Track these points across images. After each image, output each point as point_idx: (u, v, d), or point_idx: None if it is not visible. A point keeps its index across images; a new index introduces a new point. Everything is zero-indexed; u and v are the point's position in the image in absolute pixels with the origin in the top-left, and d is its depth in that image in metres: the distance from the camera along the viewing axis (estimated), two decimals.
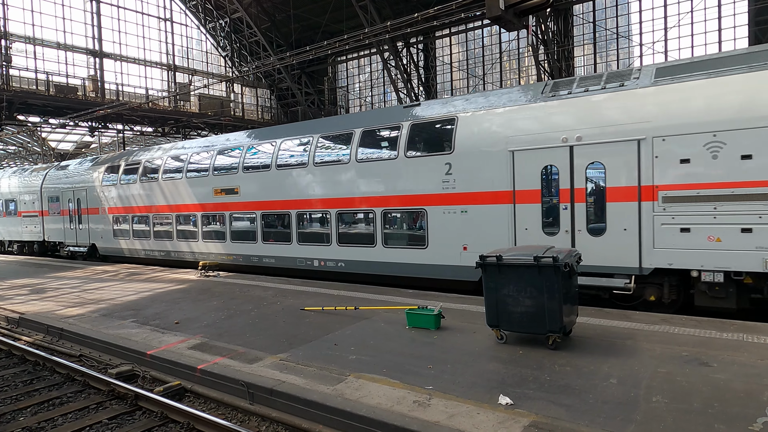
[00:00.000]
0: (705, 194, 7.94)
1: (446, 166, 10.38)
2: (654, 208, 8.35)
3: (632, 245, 8.53)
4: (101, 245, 19.35)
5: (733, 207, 7.74)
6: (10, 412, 5.96)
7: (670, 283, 8.50)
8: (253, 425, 5.33)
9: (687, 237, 8.11)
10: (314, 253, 12.66)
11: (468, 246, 10.22)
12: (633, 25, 26.64)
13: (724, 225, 7.83)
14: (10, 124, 28.52)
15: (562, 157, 9.11)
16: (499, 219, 9.84)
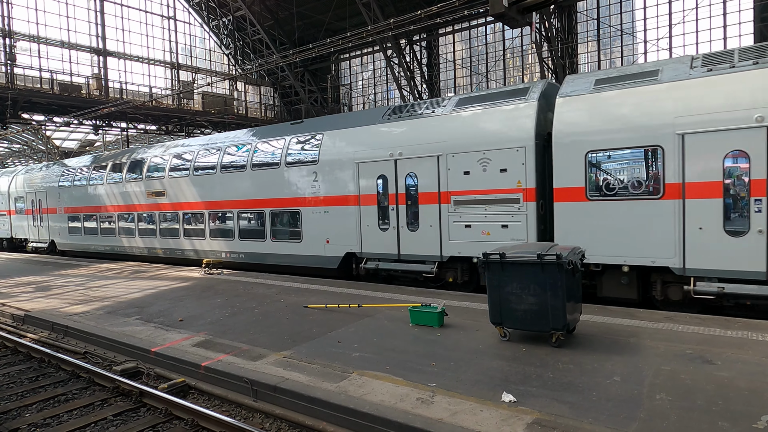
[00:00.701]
0: (479, 198, 10.22)
1: (314, 174, 12.66)
2: (448, 210, 10.59)
3: (436, 238, 10.78)
4: (59, 241, 21.45)
5: (496, 208, 10.04)
6: (16, 409, 6.00)
7: (462, 267, 10.72)
8: (256, 422, 5.35)
9: (469, 231, 10.39)
10: (222, 247, 14.90)
11: (330, 240, 12.48)
12: (637, 21, 26.52)
13: (491, 222, 10.12)
14: (15, 123, 28.64)
15: (390, 169, 11.36)
16: (350, 217, 12.06)
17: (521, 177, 9.68)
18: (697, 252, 8.03)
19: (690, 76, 8.32)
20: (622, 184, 8.69)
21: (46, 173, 22.17)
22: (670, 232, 8.25)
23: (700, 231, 8.00)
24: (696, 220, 8.03)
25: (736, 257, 7.71)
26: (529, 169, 9.58)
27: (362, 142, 11.85)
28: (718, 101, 7.86)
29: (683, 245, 8.17)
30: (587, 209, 9.01)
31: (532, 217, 9.64)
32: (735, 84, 7.81)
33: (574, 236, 9.03)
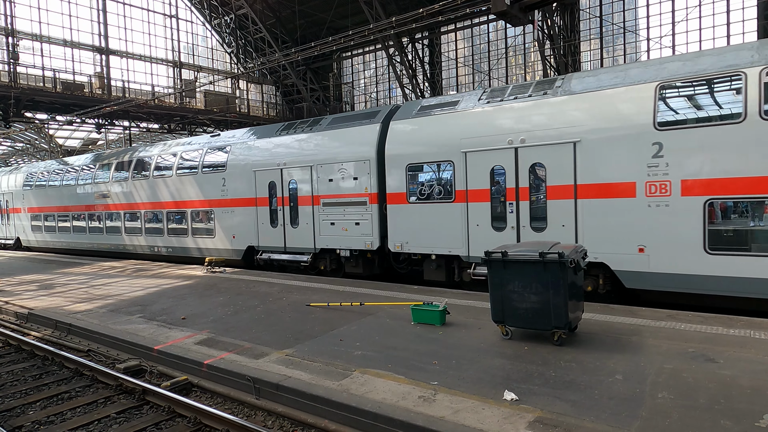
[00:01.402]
0: (340, 201, 12.30)
1: (223, 179, 14.87)
2: (319, 210, 12.71)
3: (310, 234, 12.93)
4: (23, 238, 23.94)
5: (351, 209, 12.10)
6: (20, 406, 6.03)
7: (330, 257, 12.90)
8: (259, 420, 5.37)
9: (334, 228, 12.44)
10: (155, 242, 17.32)
11: (235, 235, 14.73)
12: (640, 19, 26.43)
13: (348, 220, 12.15)
14: (18, 121, 28.72)
15: (278, 176, 13.50)
16: (250, 217, 14.24)
17: (368, 184, 11.85)
18: (475, 243, 10.31)
19: (474, 107, 10.54)
20: (430, 190, 10.91)
21: (11, 177, 24.63)
22: (459, 228, 10.52)
23: (477, 227, 10.31)
24: (475, 219, 10.34)
25: None
26: (373, 178, 11.77)
27: (258, 154, 14.09)
28: (487, 127, 10.19)
29: (468, 238, 10.43)
30: (408, 210, 11.25)
31: (375, 216, 11.80)
32: (497, 114, 10.14)
33: (400, 232, 11.39)
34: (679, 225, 8.17)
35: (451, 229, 10.56)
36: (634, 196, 8.51)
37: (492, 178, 10.07)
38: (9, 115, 26.32)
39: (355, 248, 12.17)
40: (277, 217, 13.56)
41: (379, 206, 11.76)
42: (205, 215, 15.45)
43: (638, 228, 8.51)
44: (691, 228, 8.05)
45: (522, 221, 9.77)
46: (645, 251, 8.48)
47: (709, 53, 8.43)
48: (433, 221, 10.82)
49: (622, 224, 8.65)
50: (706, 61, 8.20)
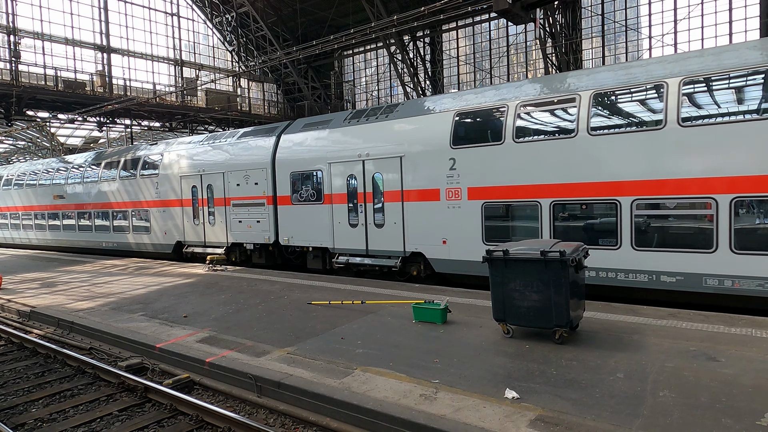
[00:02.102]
0: (245, 203, 14.66)
1: (156, 182, 17.21)
2: (230, 210, 15.09)
3: (224, 230, 15.39)
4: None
5: (254, 209, 14.46)
6: (23, 404, 6.06)
7: (239, 250, 15.26)
8: (260, 418, 5.38)
9: (241, 225, 14.84)
10: (103, 238, 19.70)
11: (166, 232, 17.09)
12: (642, 17, 26.36)
13: (251, 219, 14.56)
14: (20, 120, 28.74)
15: (198, 181, 15.90)
16: (178, 215, 16.61)
17: (265, 188, 14.13)
18: (338, 237, 12.68)
19: (339, 126, 12.84)
20: (307, 194, 13.25)
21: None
22: (327, 225, 12.87)
23: (339, 224, 12.68)
24: (337, 218, 12.69)
25: (354, 241, 12.42)
26: (269, 183, 14.02)
27: (184, 162, 16.35)
28: (345, 144, 12.52)
29: (333, 233, 12.78)
30: (292, 210, 13.63)
31: (272, 215, 14.11)
32: (353, 133, 12.51)
33: (287, 229, 13.81)
34: (466, 222, 10.59)
35: (322, 226, 13.03)
36: (439, 199, 10.95)
37: (348, 184, 12.48)
38: (11, 113, 26.32)
39: (257, 242, 14.61)
40: (199, 216, 16.04)
41: (274, 207, 14.12)
42: (143, 214, 17.91)
43: (442, 225, 10.93)
44: (475, 224, 10.48)
45: (369, 219, 12.17)
46: (447, 243, 10.94)
47: (500, 87, 10.88)
48: (309, 219, 13.30)
49: (432, 222, 11.09)
50: (489, 94, 10.75)
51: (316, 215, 13.10)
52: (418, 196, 11.24)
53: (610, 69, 9.63)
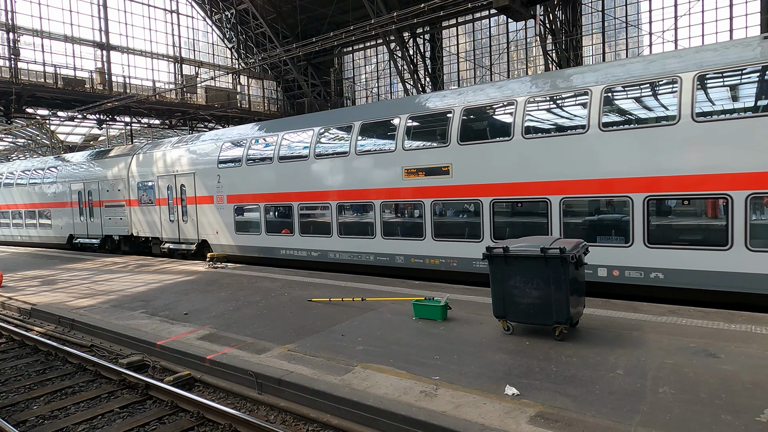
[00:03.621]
0: (113, 204, 19.11)
1: (54, 189, 21.67)
2: (104, 210, 19.48)
3: (99, 225, 19.79)
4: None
5: (119, 210, 18.88)
6: (24, 401, 6.07)
7: (111, 240, 19.68)
8: (261, 414, 5.40)
9: (111, 221, 19.23)
10: (19, 233, 24.39)
11: (62, 227, 21.40)
12: (643, 13, 26.30)
13: (117, 217, 18.91)
14: (20, 117, 28.72)
15: (82, 187, 20.20)
16: (68, 214, 20.99)
17: (126, 195, 18.64)
18: (164, 230, 17.44)
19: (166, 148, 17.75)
20: (147, 198, 17.88)
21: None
22: (158, 221, 17.56)
23: (164, 220, 17.22)
24: (165, 215, 17.23)
25: (172, 232, 17.19)
26: (128, 190, 18.55)
27: (136, 167, 18.69)
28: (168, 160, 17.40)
29: (161, 227, 17.48)
30: (138, 210, 18.29)
31: (130, 214, 18.55)
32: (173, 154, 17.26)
33: (137, 224, 18.38)
34: (226, 218, 15.40)
35: (155, 221, 17.69)
36: (213, 203, 15.68)
37: (169, 191, 17.07)
38: (10, 110, 26.32)
39: (121, 234, 19.11)
40: (84, 214, 20.41)
41: (130, 208, 18.70)
42: (46, 214, 22.30)
43: (215, 221, 15.73)
44: (232, 219, 15.28)
45: (180, 216, 16.81)
46: (218, 233, 15.67)
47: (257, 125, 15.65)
48: (148, 217, 17.97)
49: (212, 219, 15.80)
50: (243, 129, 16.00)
51: (152, 214, 17.87)
52: (202, 200, 16.08)
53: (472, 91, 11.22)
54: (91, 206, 19.99)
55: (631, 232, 8.83)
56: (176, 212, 16.88)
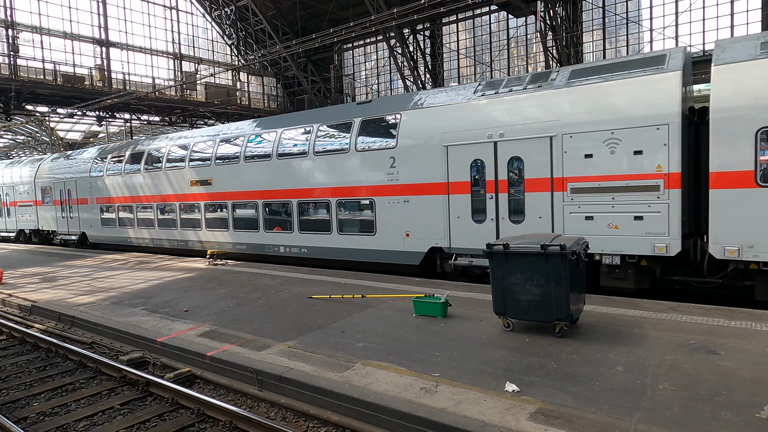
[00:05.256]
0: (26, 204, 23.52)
1: (28, 189, 23.23)
2: (18, 210, 23.51)
3: (34, 220, 23.01)
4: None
5: (28, 208, 22.49)
6: (25, 398, 6.08)
7: (24, 233, 24.01)
8: (262, 411, 5.40)
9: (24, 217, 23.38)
10: None
11: (35, 223, 23.20)
12: (643, 9, 26.23)
13: (27, 215, 22.98)
14: (19, 114, 28.68)
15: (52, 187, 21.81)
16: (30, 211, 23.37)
17: (34, 195, 22.56)
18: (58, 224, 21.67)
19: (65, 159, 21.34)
20: (47, 199, 21.86)
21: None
22: (54, 217, 21.62)
23: (59, 217, 21.81)
24: (59, 213, 21.80)
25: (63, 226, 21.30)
26: (37, 192, 22.39)
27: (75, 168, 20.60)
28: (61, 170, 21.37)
29: (56, 222, 21.76)
30: (42, 208, 22.18)
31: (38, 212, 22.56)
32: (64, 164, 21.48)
33: (42, 221, 22.07)
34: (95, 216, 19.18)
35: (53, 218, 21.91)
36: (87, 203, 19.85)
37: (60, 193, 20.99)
38: (10, 107, 26.28)
39: (30, 228, 22.69)
40: (2, 214, 23.38)
41: (36, 207, 22.38)
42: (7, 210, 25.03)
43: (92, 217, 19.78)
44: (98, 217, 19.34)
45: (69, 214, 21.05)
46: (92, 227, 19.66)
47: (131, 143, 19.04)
48: (49, 214, 22.09)
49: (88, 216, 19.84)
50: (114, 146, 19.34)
51: (51, 212, 21.67)
52: (82, 201, 19.76)
53: None
54: (8, 206, 24.25)
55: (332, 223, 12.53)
56: (66, 211, 21.03)
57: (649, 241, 8.49)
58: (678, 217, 8.21)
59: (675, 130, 8.14)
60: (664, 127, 8.21)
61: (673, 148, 8.17)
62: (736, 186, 7.81)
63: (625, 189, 8.66)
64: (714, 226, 7.98)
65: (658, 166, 8.32)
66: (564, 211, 9.30)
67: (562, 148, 9.18)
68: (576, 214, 9.19)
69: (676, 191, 8.22)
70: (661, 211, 8.35)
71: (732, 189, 7.83)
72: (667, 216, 8.29)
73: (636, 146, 8.49)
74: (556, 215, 9.36)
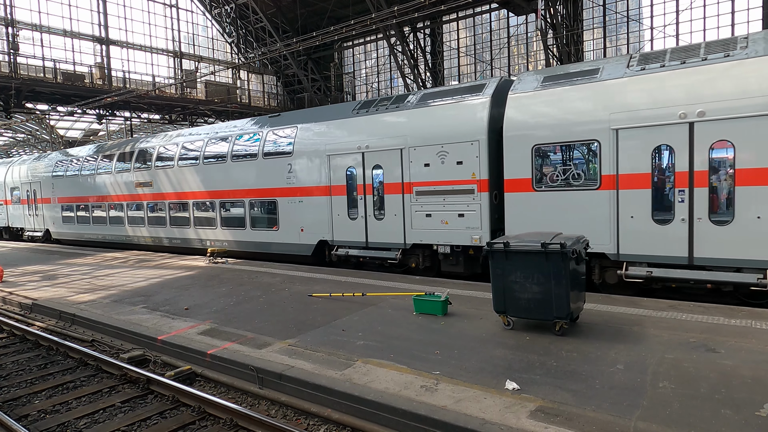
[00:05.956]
0: None
1: (1, 188, 25.34)
2: (54, 207, 21.97)
3: (5, 218, 25.17)
4: None
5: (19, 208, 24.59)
6: (26, 396, 6.09)
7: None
8: (262, 409, 5.41)
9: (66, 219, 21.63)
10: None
11: (5, 221, 25.11)
12: (644, 7, 26.18)
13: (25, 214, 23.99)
14: (19, 112, 28.66)
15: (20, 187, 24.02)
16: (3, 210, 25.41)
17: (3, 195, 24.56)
18: (26, 222, 24.02)
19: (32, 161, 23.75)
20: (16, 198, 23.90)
21: None
22: (22, 215, 23.86)
23: (27, 215, 23.77)
24: (26, 211, 23.75)
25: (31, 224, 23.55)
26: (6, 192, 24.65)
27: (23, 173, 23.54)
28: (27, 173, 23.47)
29: (24, 219, 23.74)
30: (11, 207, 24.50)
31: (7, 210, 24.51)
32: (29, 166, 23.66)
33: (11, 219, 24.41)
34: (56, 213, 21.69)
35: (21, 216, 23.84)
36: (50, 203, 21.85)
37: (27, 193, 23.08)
38: (10, 105, 26.27)
39: (1, 226, 24.88)
40: (26, 211, 23.75)
41: (6, 206, 24.50)
42: None
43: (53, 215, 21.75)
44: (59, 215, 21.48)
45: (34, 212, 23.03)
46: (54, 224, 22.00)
47: None
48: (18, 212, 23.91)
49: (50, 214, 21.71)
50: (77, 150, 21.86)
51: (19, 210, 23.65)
52: (44, 201, 21.90)
53: None
54: (36, 202, 24.08)
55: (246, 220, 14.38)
56: (32, 209, 23.01)
57: (469, 233, 10.37)
58: (488, 215, 10.14)
59: (484, 145, 10.05)
60: (476, 142, 10.10)
61: (482, 159, 10.06)
62: (521, 190, 9.68)
63: (452, 192, 10.51)
64: (508, 221, 9.85)
65: (473, 173, 10.21)
66: (411, 210, 11.07)
67: (409, 159, 10.99)
68: (420, 212, 10.99)
69: (485, 194, 10.12)
70: (475, 210, 10.24)
71: (518, 192, 9.71)
72: (479, 214, 10.20)
73: (458, 158, 10.37)
74: (406, 213, 11.14)
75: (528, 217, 9.50)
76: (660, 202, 8.27)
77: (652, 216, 8.31)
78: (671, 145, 8.10)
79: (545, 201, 9.35)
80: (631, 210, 8.46)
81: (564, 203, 9.15)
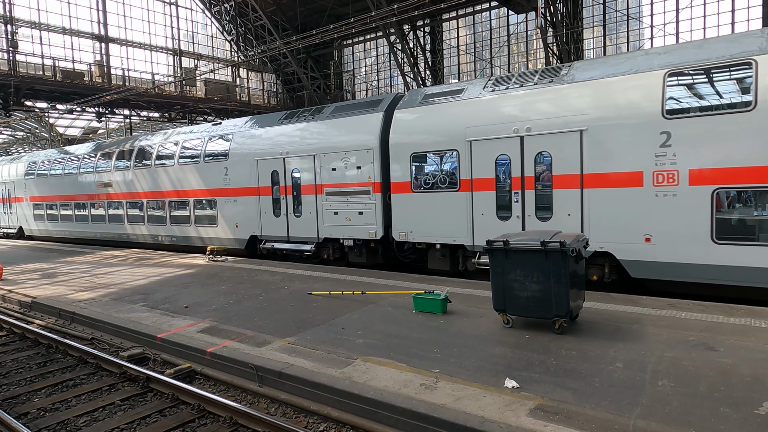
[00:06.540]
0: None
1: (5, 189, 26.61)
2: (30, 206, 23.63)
3: (21, 219, 24.93)
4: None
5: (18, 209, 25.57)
6: (25, 393, 6.09)
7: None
8: (262, 407, 5.42)
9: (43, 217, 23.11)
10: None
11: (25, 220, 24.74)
12: (644, 6, 26.14)
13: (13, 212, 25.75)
14: (18, 110, 28.59)
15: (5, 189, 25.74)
16: None
17: None
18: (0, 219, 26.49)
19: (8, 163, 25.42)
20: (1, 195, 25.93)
21: None
22: None
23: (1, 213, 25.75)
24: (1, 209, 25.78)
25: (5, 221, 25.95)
26: None
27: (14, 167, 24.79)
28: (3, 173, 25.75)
29: None
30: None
31: None
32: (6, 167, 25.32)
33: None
34: (28, 212, 23.50)
35: None
36: (23, 201, 23.16)
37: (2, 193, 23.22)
38: (9, 103, 26.19)
39: None
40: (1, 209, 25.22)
41: (33, 204, 23.38)
42: None
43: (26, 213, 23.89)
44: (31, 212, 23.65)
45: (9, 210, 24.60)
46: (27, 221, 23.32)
47: None
48: None
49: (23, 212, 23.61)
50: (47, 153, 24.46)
51: None
52: (18, 200, 23.75)
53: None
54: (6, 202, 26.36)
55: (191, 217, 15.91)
56: (7, 208, 24.90)
57: (367, 229, 11.90)
58: (381, 212, 11.69)
59: (377, 153, 11.61)
60: (371, 150, 11.67)
61: (376, 165, 11.61)
62: (403, 191, 11.25)
63: (353, 193, 12.05)
64: (394, 218, 11.44)
65: (369, 177, 11.74)
66: (323, 208, 12.64)
67: (321, 164, 12.54)
68: (329, 210, 12.54)
69: (378, 195, 11.69)
70: (371, 208, 11.77)
71: (401, 193, 11.27)
72: (374, 212, 11.73)
73: (358, 163, 11.90)
74: (319, 211, 12.72)
75: (409, 215, 11.15)
76: (502, 202, 9.97)
77: (497, 213, 10.02)
78: (509, 155, 9.76)
79: (421, 201, 10.95)
80: (481, 208, 10.13)
81: (435, 203, 10.75)
